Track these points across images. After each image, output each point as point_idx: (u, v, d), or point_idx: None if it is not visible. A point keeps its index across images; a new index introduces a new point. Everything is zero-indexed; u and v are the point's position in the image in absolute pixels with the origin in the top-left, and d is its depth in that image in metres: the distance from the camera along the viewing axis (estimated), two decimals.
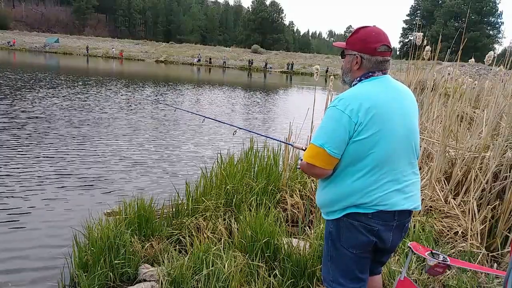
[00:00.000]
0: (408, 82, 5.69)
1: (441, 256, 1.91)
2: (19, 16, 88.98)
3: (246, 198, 3.60)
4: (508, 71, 4.70)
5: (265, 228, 2.85)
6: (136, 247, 2.89)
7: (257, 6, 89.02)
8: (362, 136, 1.58)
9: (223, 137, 8.23)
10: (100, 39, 64.16)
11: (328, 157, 1.61)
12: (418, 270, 2.76)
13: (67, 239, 3.17)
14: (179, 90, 17.75)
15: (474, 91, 6.11)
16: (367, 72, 1.71)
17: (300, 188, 3.89)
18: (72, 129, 7.80)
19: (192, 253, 2.72)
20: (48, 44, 52.99)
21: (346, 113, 1.58)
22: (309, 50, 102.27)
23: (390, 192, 1.63)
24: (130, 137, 7.65)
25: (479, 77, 11.29)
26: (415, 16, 77.64)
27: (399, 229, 1.73)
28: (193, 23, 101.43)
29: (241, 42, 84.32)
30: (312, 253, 2.73)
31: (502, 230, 3.21)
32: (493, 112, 4.01)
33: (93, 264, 2.65)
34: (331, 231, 1.77)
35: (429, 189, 3.78)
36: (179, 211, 3.51)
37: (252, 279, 2.57)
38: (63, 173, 5.21)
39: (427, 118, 5.18)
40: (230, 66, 49.28)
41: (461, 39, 4.26)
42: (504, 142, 3.53)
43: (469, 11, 59.35)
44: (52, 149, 6.25)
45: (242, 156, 4.30)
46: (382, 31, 1.71)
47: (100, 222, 2.97)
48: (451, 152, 4.06)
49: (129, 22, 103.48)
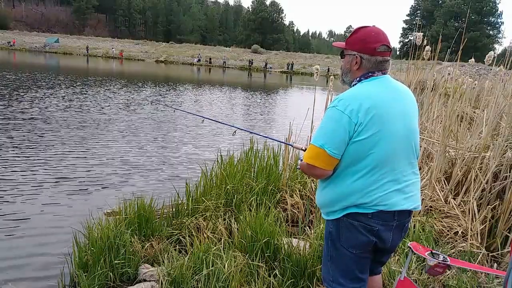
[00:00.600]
0: (408, 82, 5.69)
1: (441, 256, 1.91)
2: (19, 16, 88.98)
3: (246, 198, 3.60)
4: (508, 71, 4.70)
5: (265, 228, 2.85)
6: (136, 247, 2.89)
7: (257, 6, 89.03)
8: (362, 137, 1.58)
9: (223, 137, 8.23)
10: (100, 39, 64.18)
11: (328, 158, 1.61)
12: (418, 270, 2.76)
13: (67, 239, 3.16)
14: (179, 90, 17.75)
15: (474, 91, 6.11)
16: (367, 72, 1.70)
17: (300, 188, 3.89)
18: (72, 129, 7.80)
19: (192, 253, 2.72)
20: (48, 44, 52.99)
21: (346, 113, 1.58)
22: (309, 50, 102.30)
23: (390, 192, 1.63)
24: (130, 137, 7.65)
25: (479, 77, 11.30)
26: (415, 16, 77.66)
27: (399, 229, 1.73)
28: (193, 23, 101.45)
29: (241, 42, 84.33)
30: (312, 253, 2.73)
31: (502, 230, 3.21)
32: (493, 112, 4.01)
33: (93, 264, 2.65)
34: (331, 231, 1.77)
35: (429, 189, 3.78)
36: (179, 211, 3.51)
37: (252, 279, 2.57)
38: (63, 174, 5.21)
39: (427, 118, 5.18)
40: (230, 66, 49.27)
41: (461, 39, 4.26)
42: (504, 142, 3.53)
43: (469, 11, 59.35)
44: (52, 150, 6.25)
45: (242, 156, 4.30)
46: (381, 31, 1.70)
47: (100, 222, 2.97)
48: (451, 152, 4.06)
49: (129, 22, 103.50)
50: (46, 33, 73.00)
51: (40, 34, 65.18)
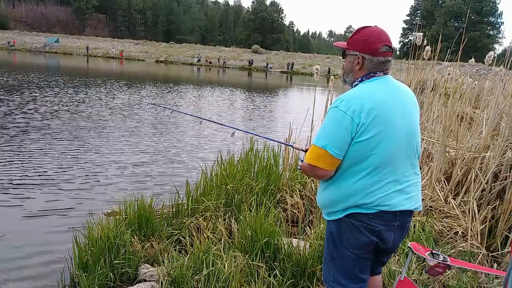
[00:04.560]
0: (408, 82, 5.68)
1: (441, 256, 1.91)
2: (19, 16, 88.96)
3: (246, 198, 3.60)
4: (508, 71, 4.69)
5: (265, 228, 2.85)
6: (136, 247, 2.89)
7: (257, 6, 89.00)
8: (364, 137, 1.58)
9: (223, 137, 8.22)
10: (100, 39, 64.16)
11: (331, 158, 1.61)
12: (418, 270, 2.76)
13: (67, 239, 3.16)
14: (179, 90, 17.75)
15: (474, 91, 6.10)
16: (369, 72, 1.70)
17: (300, 188, 3.89)
18: (72, 129, 7.80)
19: (192, 253, 2.72)
20: (48, 44, 53.00)
21: (348, 114, 1.57)
22: (309, 50, 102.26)
23: (391, 193, 1.63)
24: (130, 137, 7.65)
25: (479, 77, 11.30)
26: (415, 16, 77.71)
27: (400, 229, 1.73)
28: (193, 23, 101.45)
29: (241, 42, 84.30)
30: (312, 253, 2.72)
31: (502, 230, 3.21)
32: (493, 112, 4.01)
33: (93, 264, 2.65)
34: (332, 231, 1.77)
35: (429, 189, 3.77)
36: (179, 211, 3.51)
37: (252, 279, 2.57)
38: (63, 173, 5.21)
39: (427, 118, 5.18)
40: (230, 66, 49.27)
41: (461, 39, 4.26)
42: (504, 142, 3.53)
43: (469, 11, 59.31)
44: (52, 149, 6.25)
45: (242, 156, 4.30)
46: (383, 31, 1.70)
47: (100, 222, 2.97)
48: (451, 152, 4.06)
49: (129, 22, 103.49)
50: (46, 33, 72.89)
51: (40, 34, 65.08)
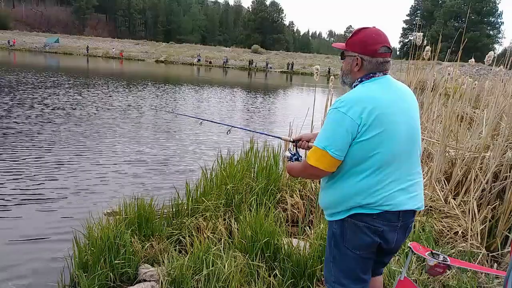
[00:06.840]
0: (408, 82, 5.67)
1: (441, 256, 1.91)
2: (19, 16, 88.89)
3: (246, 198, 3.60)
4: (508, 71, 4.70)
5: (265, 228, 2.85)
6: (136, 247, 2.89)
7: (257, 6, 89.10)
8: (366, 137, 1.58)
9: (223, 137, 8.22)
10: (100, 39, 64.14)
11: (331, 160, 1.61)
12: (418, 270, 2.76)
13: (67, 239, 3.16)
14: (179, 90, 17.75)
15: (474, 91, 6.10)
16: (368, 73, 1.70)
17: (300, 188, 3.89)
18: (72, 129, 7.80)
19: (192, 253, 2.72)
20: (48, 44, 52.97)
21: (349, 115, 1.57)
22: (309, 50, 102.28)
23: (394, 192, 1.63)
24: (130, 137, 7.65)
25: (479, 77, 11.30)
26: (415, 16, 77.69)
27: (403, 230, 1.72)
28: (193, 23, 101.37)
29: (241, 42, 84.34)
30: (312, 253, 2.72)
31: (502, 230, 3.21)
32: (493, 112, 4.01)
33: (93, 264, 2.65)
34: (335, 232, 1.76)
35: (429, 189, 3.78)
36: (179, 211, 3.51)
37: (252, 279, 2.57)
38: (63, 173, 5.21)
39: (427, 118, 5.18)
40: (230, 66, 49.24)
41: (461, 39, 4.26)
42: (504, 142, 3.53)
43: (469, 11, 59.32)
44: (52, 149, 6.25)
45: (242, 156, 4.30)
46: (382, 32, 1.70)
47: (100, 222, 2.97)
48: (451, 152, 4.06)
49: (129, 22, 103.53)
50: (46, 33, 72.96)
51: (40, 34, 65.14)
